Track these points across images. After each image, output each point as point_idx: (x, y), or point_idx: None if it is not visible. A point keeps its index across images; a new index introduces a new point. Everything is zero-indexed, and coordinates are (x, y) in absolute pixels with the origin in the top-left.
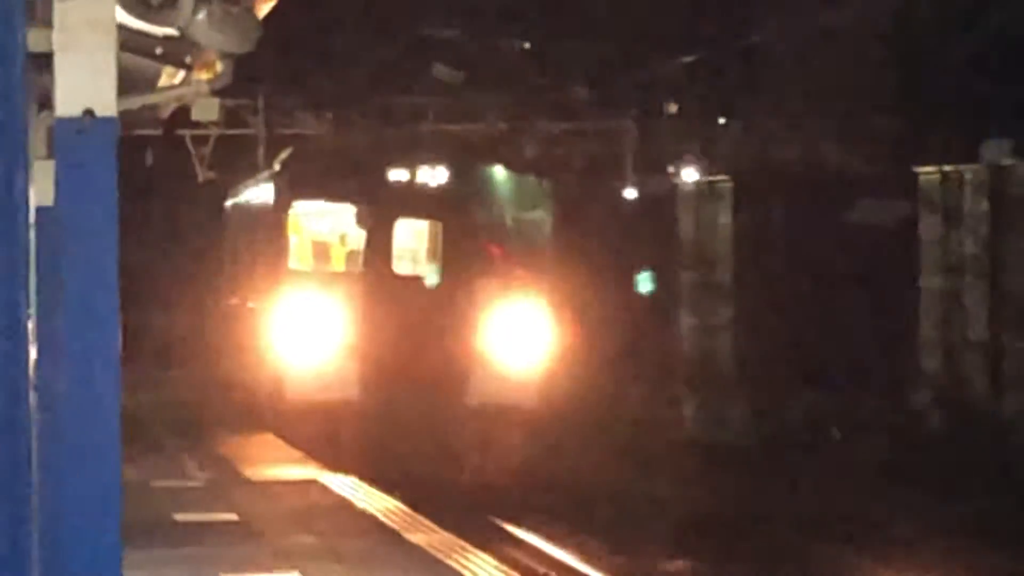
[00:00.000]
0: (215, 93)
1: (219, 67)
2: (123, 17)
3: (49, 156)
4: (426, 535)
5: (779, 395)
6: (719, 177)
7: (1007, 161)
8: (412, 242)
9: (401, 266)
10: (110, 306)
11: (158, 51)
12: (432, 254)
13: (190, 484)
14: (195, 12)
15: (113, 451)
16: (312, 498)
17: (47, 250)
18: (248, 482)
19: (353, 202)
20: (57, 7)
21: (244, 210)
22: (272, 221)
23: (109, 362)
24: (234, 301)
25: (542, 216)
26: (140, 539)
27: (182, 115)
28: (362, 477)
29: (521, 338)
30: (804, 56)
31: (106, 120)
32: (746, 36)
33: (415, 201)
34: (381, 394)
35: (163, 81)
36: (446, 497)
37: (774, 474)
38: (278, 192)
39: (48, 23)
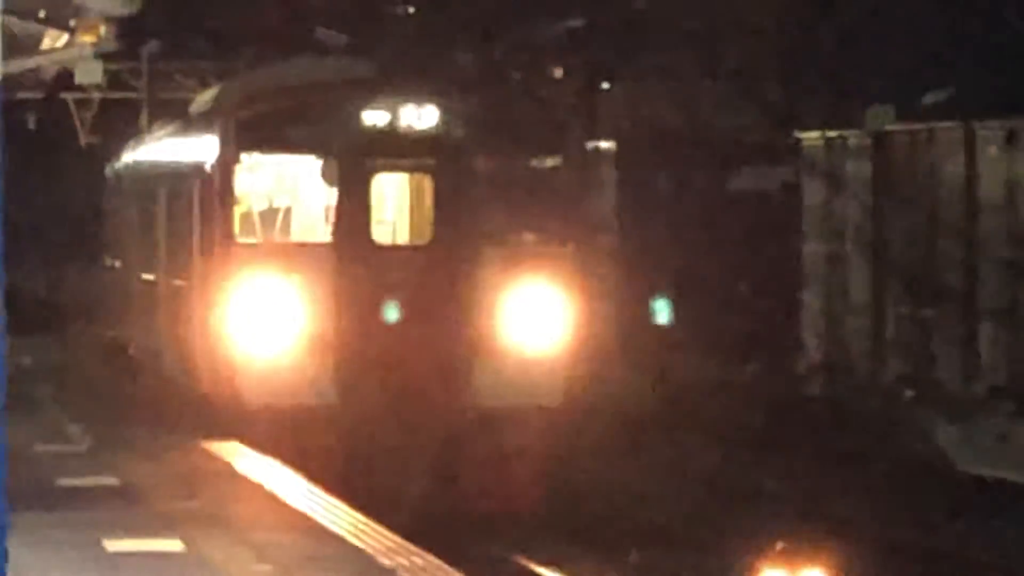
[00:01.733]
0: (98, 56)
1: (102, 30)
2: None
3: None
4: (309, 501)
5: (664, 363)
6: (602, 142)
7: (890, 127)
8: (396, 202)
9: (382, 233)
10: None
11: (41, 14)
12: (421, 217)
13: (73, 449)
14: None
15: None
16: (196, 463)
17: None
18: (131, 447)
19: (318, 153)
20: None
21: (157, 170)
22: (209, 181)
23: None
24: (148, 276)
25: (560, 164)
26: (22, 504)
27: (65, 78)
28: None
29: (538, 320)
30: (689, 21)
31: None
32: (631, 1)
33: (398, 149)
34: (364, 397)
35: (46, 44)
36: (449, 525)
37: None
38: (220, 144)
39: None
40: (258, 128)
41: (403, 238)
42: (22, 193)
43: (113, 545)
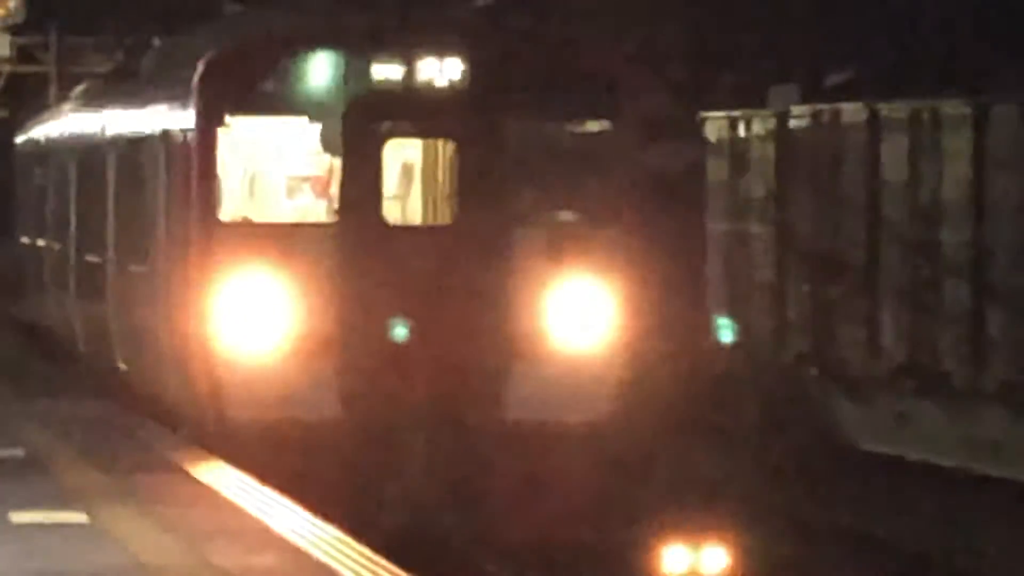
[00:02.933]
0: (7, 30)
1: (11, 4)
2: None
3: None
4: (215, 474)
5: None
6: None
7: (794, 107)
8: (412, 174)
9: (396, 211)
10: None
11: None
12: (443, 192)
13: None
14: None
15: None
16: (105, 436)
17: None
18: (39, 420)
19: (318, 115)
20: None
21: (101, 138)
22: (183, 150)
23: None
24: (91, 258)
25: (611, 129)
26: None
27: None
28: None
29: (582, 316)
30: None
31: None
32: None
33: (415, 110)
34: (374, 410)
35: None
36: (476, 562)
37: None
38: (199, 105)
39: None
40: (246, 85)
41: (421, 217)
42: None
43: (18, 517)
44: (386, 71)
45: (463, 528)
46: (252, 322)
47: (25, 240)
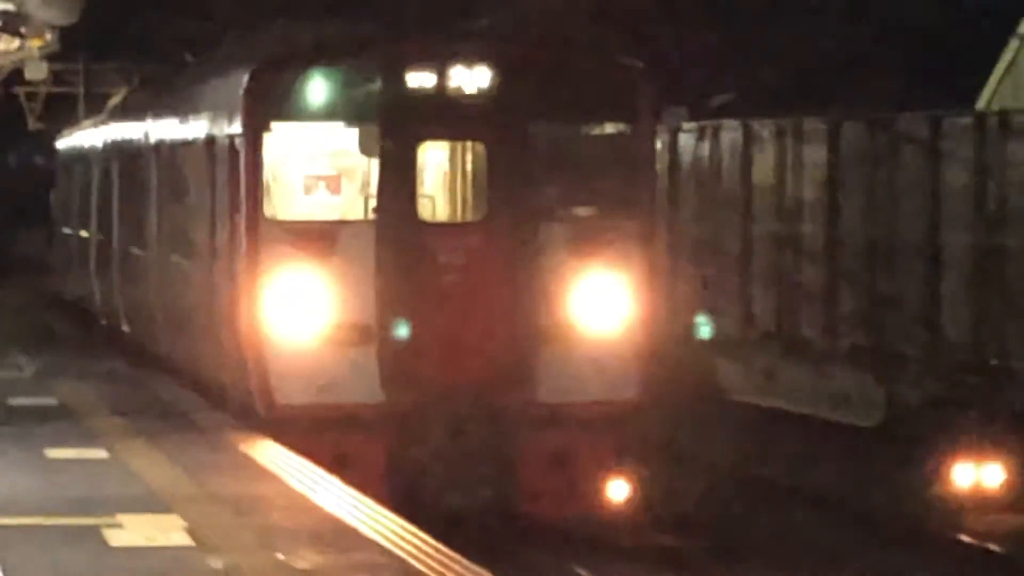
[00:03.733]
0: (44, 57)
1: (48, 36)
2: None
3: None
4: (214, 418)
5: None
6: None
7: (684, 123)
8: (445, 175)
9: (430, 210)
10: None
11: None
12: (474, 191)
13: (21, 375)
14: None
15: None
16: (123, 388)
17: None
18: (69, 374)
19: (356, 120)
20: None
21: (146, 141)
22: (232, 153)
23: None
24: (136, 251)
25: (630, 131)
26: None
27: (17, 75)
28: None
29: (608, 303)
30: (512, 13)
31: None
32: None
33: (447, 116)
34: (412, 394)
35: (1, 47)
36: (514, 546)
37: None
38: (246, 111)
39: None
40: (289, 93)
41: (454, 215)
42: None
43: (51, 453)
44: (419, 79)
45: (496, 499)
46: (293, 313)
47: (67, 231)
